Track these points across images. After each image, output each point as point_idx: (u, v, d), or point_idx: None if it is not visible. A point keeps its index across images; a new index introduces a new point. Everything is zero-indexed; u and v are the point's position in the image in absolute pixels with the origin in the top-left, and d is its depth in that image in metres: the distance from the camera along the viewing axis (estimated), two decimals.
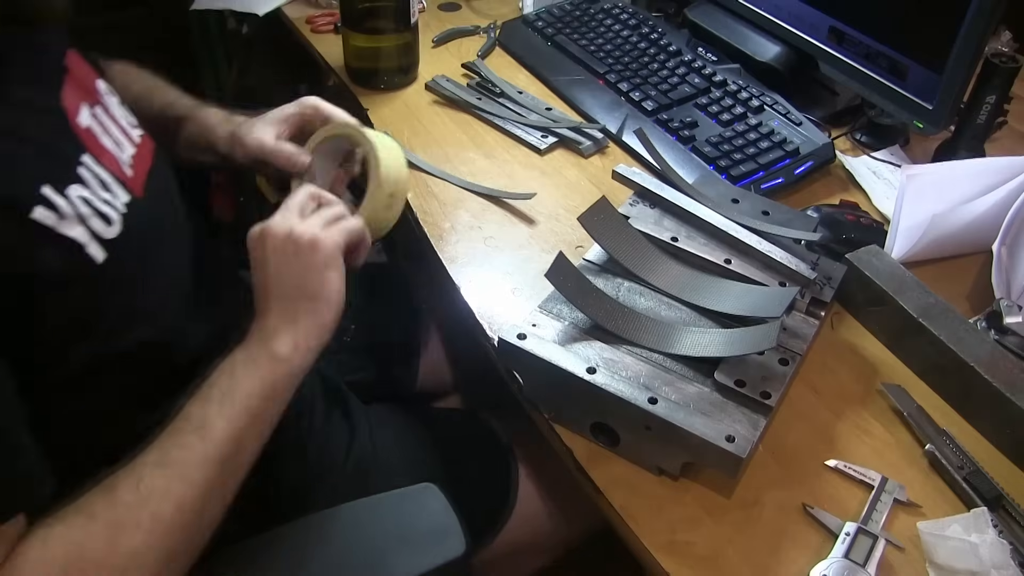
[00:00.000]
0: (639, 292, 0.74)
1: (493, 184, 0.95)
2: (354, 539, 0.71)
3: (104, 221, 0.59)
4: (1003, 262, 0.81)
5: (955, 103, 0.90)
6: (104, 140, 0.65)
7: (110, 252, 0.59)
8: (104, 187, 0.61)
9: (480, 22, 1.27)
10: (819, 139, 0.98)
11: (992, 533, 0.60)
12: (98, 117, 0.67)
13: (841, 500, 0.65)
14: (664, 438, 0.63)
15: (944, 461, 0.66)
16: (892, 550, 0.61)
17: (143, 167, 0.69)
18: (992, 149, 1.03)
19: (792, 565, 0.61)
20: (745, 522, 0.64)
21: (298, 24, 1.26)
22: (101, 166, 0.62)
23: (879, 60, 0.94)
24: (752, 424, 0.63)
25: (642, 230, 0.78)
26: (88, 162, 0.61)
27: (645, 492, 0.66)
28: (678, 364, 0.68)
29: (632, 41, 1.16)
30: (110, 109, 0.69)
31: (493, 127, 1.05)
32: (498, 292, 0.82)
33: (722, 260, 0.76)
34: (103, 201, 0.60)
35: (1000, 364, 0.69)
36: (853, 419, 0.72)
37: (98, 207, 0.59)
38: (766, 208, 0.82)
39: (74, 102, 0.64)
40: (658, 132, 1.01)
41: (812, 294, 0.75)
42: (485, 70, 1.12)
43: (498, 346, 0.70)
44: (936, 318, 0.73)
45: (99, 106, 0.68)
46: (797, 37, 1.05)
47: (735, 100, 1.04)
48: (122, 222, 0.61)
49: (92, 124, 0.65)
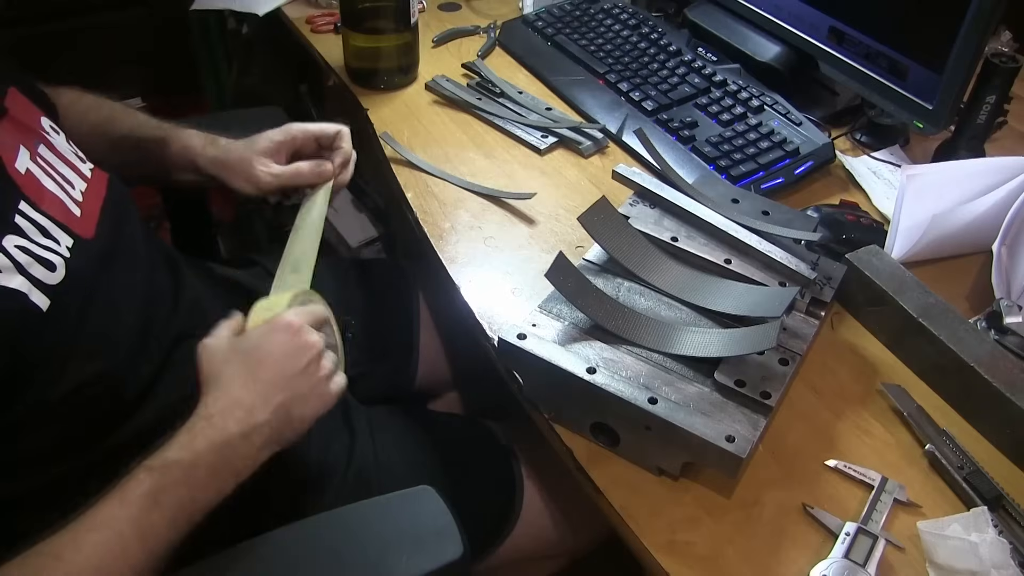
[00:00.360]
0: (639, 292, 0.74)
1: (493, 184, 0.95)
2: (351, 542, 0.70)
3: (46, 267, 0.58)
4: (1003, 262, 0.81)
5: (955, 103, 0.89)
6: (46, 182, 0.64)
7: (53, 298, 0.58)
8: (44, 233, 0.60)
9: (480, 22, 1.27)
10: (819, 139, 0.98)
11: (992, 532, 0.60)
12: (41, 157, 0.65)
13: (841, 500, 0.65)
14: (664, 438, 0.63)
15: (944, 461, 0.66)
16: (892, 550, 0.61)
17: (94, 203, 0.67)
18: (992, 149, 1.03)
19: (792, 565, 0.61)
20: (745, 522, 0.64)
21: (298, 24, 1.26)
22: (40, 212, 0.61)
23: (879, 60, 0.94)
24: (752, 424, 0.63)
25: (642, 230, 0.78)
26: (25, 209, 0.60)
27: (645, 492, 0.66)
28: (678, 364, 0.68)
29: (632, 41, 1.16)
30: (55, 147, 0.67)
31: (493, 127, 1.05)
32: (498, 292, 0.82)
33: (722, 260, 0.76)
34: (43, 248, 0.58)
35: (1000, 364, 0.69)
36: (853, 419, 0.72)
37: (38, 254, 0.58)
38: (766, 208, 0.82)
39: (11, 146, 0.63)
40: (658, 132, 1.01)
41: (812, 294, 0.75)
42: (485, 70, 1.12)
43: (498, 346, 0.70)
44: (936, 318, 0.73)
45: (43, 144, 0.66)
46: (797, 37, 1.05)
47: (735, 100, 1.04)
48: (65, 266, 0.60)
49: (32, 166, 0.63)
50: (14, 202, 0.60)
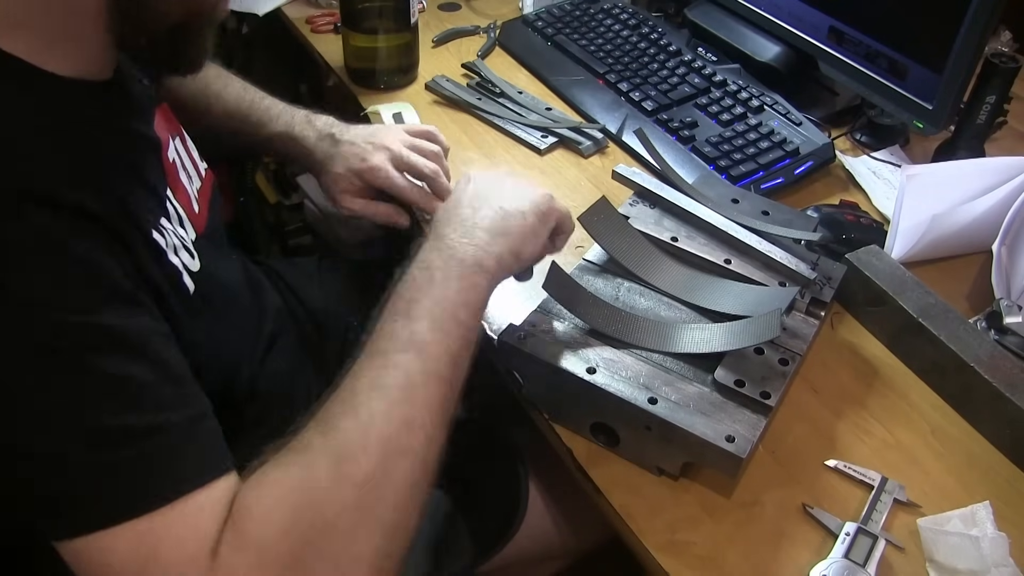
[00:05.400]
0: (639, 292, 0.74)
1: None
2: None
3: (188, 254, 0.59)
4: (1003, 262, 0.81)
5: (955, 103, 0.89)
6: (181, 175, 0.65)
7: (197, 284, 0.59)
8: (180, 223, 0.61)
9: (480, 22, 1.27)
10: (819, 139, 0.98)
11: (992, 528, 0.60)
12: (178, 151, 0.66)
13: (841, 500, 0.65)
14: (664, 438, 0.63)
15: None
16: (892, 550, 0.61)
17: (205, 202, 0.69)
18: (992, 149, 1.03)
19: (792, 565, 0.61)
20: (745, 522, 0.64)
21: (298, 24, 1.26)
22: (177, 202, 0.62)
23: (879, 60, 0.94)
24: (752, 424, 0.63)
25: (642, 230, 0.78)
26: (171, 196, 0.61)
27: (645, 492, 0.66)
28: (678, 364, 0.68)
29: (632, 41, 1.16)
30: (186, 140, 0.69)
31: (493, 127, 1.05)
32: (498, 292, 0.82)
33: (722, 260, 0.76)
34: (180, 237, 0.59)
35: (1000, 364, 0.69)
36: (853, 419, 0.72)
37: (183, 241, 0.59)
38: (766, 208, 0.82)
39: (164, 134, 0.64)
40: (658, 132, 1.01)
41: (812, 294, 0.75)
42: (485, 70, 1.12)
43: (498, 346, 0.70)
44: (936, 318, 0.73)
45: (178, 137, 0.67)
46: (797, 37, 1.05)
47: (735, 100, 1.04)
48: (199, 258, 0.61)
49: (176, 158, 0.65)
50: (165, 188, 0.60)
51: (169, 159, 0.64)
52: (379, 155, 0.85)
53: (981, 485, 0.67)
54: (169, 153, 0.64)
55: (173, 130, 0.67)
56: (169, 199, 0.60)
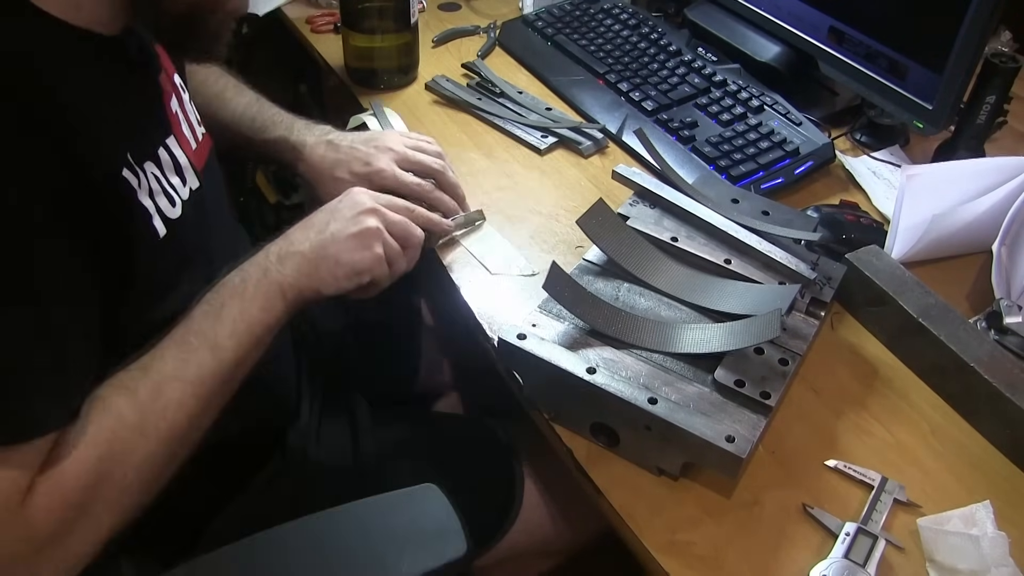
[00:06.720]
0: (639, 293, 0.74)
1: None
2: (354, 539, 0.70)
3: (168, 201, 0.62)
4: (1003, 262, 0.81)
5: (955, 103, 0.89)
6: (184, 128, 0.69)
7: (170, 230, 0.62)
8: (176, 171, 0.64)
9: (480, 22, 1.27)
10: (819, 139, 0.98)
11: (992, 527, 0.60)
12: (179, 108, 0.70)
13: (841, 500, 0.65)
14: (664, 438, 0.63)
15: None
16: (892, 550, 0.61)
17: (201, 162, 0.72)
18: (992, 149, 1.03)
19: (792, 565, 0.61)
20: (745, 522, 0.64)
21: (298, 24, 1.26)
22: (181, 150, 0.66)
23: (879, 60, 0.94)
24: (752, 424, 0.63)
25: (642, 230, 0.78)
26: (171, 144, 0.65)
27: (645, 492, 0.66)
28: (678, 364, 0.68)
29: (632, 41, 1.16)
30: (185, 102, 0.72)
31: (493, 127, 1.05)
32: (498, 292, 0.82)
33: (722, 260, 0.76)
34: (169, 184, 0.63)
35: (1000, 364, 0.69)
36: (853, 419, 0.72)
37: (165, 188, 0.62)
38: (766, 208, 0.82)
39: (167, 87, 0.68)
40: (658, 132, 1.01)
41: (812, 294, 0.75)
42: (485, 70, 1.12)
43: (498, 346, 0.70)
44: (936, 318, 0.73)
45: (177, 99, 0.71)
46: (797, 37, 1.05)
47: (735, 100, 1.04)
48: (182, 207, 0.64)
49: (178, 111, 0.69)
50: (163, 136, 0.65)
51: (172, 110, 0.67)
52: (384, 157, 0.85)
53: (981, 485, 0.67)
54: (172, 105, 0.68)
55: (175, 91, 0.70)
56: (168, 147, 0.64)
